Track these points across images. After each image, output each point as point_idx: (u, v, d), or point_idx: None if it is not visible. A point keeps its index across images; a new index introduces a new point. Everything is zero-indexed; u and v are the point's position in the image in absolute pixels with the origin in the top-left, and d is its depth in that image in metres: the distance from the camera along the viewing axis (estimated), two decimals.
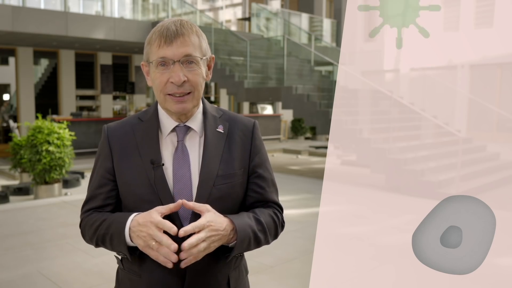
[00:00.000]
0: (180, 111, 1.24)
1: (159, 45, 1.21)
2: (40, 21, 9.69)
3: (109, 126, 1.34)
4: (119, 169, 1.28)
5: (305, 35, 14.99)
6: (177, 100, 1.23)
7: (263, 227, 1.28)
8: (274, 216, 1.34)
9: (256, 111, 17.12)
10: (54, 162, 6.78)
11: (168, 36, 1.20)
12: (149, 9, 12.53)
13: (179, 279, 1.23)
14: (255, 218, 1.28)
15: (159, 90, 1.24)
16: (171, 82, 1.21)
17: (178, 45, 1.20)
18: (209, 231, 1.14)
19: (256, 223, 1.27)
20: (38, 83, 13.15)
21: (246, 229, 1.22)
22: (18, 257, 4.41)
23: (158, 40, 1.21)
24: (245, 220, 1.24)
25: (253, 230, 1.24)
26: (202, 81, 1.27)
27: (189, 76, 1.22)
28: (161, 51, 1.21)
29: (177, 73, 1.20)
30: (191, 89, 1.23)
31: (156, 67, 1.22)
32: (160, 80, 1.22)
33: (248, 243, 1.24)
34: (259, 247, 1.31)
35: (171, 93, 1.22)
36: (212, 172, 1.26)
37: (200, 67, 1.25)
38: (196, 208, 1.18)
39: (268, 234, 1.30)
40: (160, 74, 1.22)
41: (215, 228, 1.15)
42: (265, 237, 1.29)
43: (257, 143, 1.37)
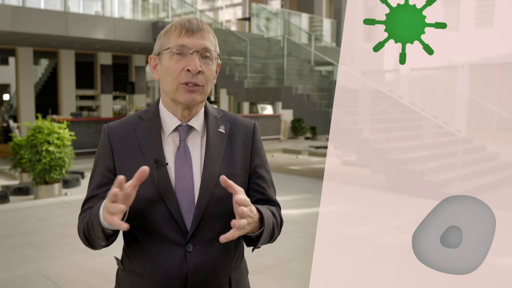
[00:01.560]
0: (190, 101, 1.24)
1: (179, 34, 1.23)
2: (40, 21, 9.69)
3: (109, 125, 1.34)
4: (121, 168, 1.28)
5: (305, 35, 14.99)
6: (189, 90, 1.23)
7: (277, 220, 1.32)
8: (277, 214, 1.37)
9: (256, 111, 17.12)
10: (54, 162, 6.78)
11: (190, 28, 1.23)
12: (149, 9, 12.53)
13: (181, 280, 1.23)
14: (271, 211, 1.31)
15: (173, 78, 1.23)
16: (187, 69, 1.22)
17: (199, 37, 1.23)
18: (249, 211, 1.13)
19: (271, 215, 1.30)
20: (38, 83, 13.15)
21: (269, 219, 1.24)
22: (18, 257, 4.41)
23: (179, 30, 1.24)
24: (266, 211, 1.26)
25: (273, 222, 1.27)
26: (213, 78, 1.29)
27: (204, 68, 1.24)
28: (181, 40, 1.22)
29: (194, 61, 1.21)
30: (203, 82, 1.24)
31: (172, 55, 1.23)
32: (175, 68, 1.23)
33: (269, 233, 1.25)
34: (269, 243, 1.32)
35: (185, 81, 1.22)
36: (215, 172, 1.26)
37: (213, 64, 1.28)
38: (234, 187, 1.14)
39: (279, 228, 1.34)
40: (176, 62, 1.23)
41: (252, 210, 1.15)
42: (278, 231, 1.32)
43: (258, 144, 1.38)
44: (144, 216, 1.23)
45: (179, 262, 1.23)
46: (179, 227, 1.21)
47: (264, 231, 1.21)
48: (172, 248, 1.23)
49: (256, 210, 1.18)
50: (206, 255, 1.24)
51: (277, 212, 1.37)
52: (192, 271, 1.22)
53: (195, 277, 1.23)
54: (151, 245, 1.25)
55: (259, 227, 1.21)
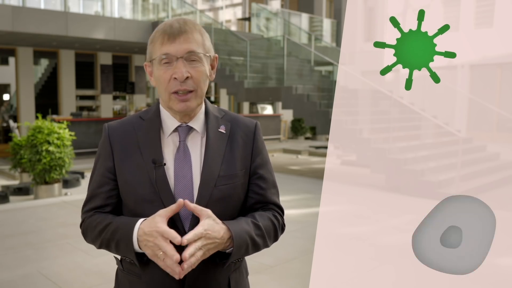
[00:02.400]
0: (184, 110, 1.24)
1: (162, 42, 1.21)
2: (40, 21, 9.70)
3: (110, 125, 1.34)
4: (120, 168, 1.28)
5: (305, 35, 14.99)
6: (181, 99, 1.22)
7: (262, 232, 1.27)
8: (274, 219, 1.33)
9: (256, 111, 17.12)
10: (54, 162, 6.78)
11: (172, 33, 1.21)
12: (149, 9, 12.54)
13: (179, 281, 1.22)
14: (254, 223, 1.27)
15: (163, 88, 1.23)
16: (174, 78, 1.21)
17: (181, 41, 1.21)
18: (205, 239, 1.14)
19: (255, 228, 1.26)
20: (38, 83, 13.15)
21: (243, 236, 1.21)
22: (18, 257, 4.41)
23: (161, 37, 1.22)
24: (243, 226, 1.23)
25: (250, 236, 1.23)
26: (206, 79, 1.27)
27: (192, 73, 1.22)
28: (164, 48, 1.21)
29: (180, 69, 1.20)
30: (194, 86, 1.23)
31: (160, 65, 1.22)
32: (163, 77, 1.22)
33: (246, 249, 1.23)
34: (259, 251, 1.30)
35: (175, 90, 1.22)
36: (214, 173, 1.25)
37: (203, 64, 1.25)
38: (197, 211, 1.17)
39: (267, 238, 1.29)
40: (164, 71, 1.22)
41: (212, 236, 1.15)
42: (263, 242, 1.28)
43: (259, 144, 1.36)
44: (143, 216, 1.23)
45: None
46: (177, 227, 1.20)
47: (235, 251, 1.20)
48: None
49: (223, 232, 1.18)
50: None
51: (272, 217, 1.33)
52: (189, 273, 1.22)
53: (192, 279, 1.23)
54: None
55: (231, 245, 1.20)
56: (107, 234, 1.23)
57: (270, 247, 1.35)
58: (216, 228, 1.17)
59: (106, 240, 1.24)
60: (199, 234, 1.13)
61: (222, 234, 1.17)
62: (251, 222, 1.26)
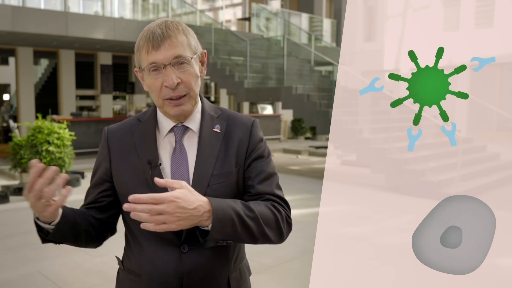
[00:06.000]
0: (180, 113, 1.24)
1: (147, 51, 1.20)
2: (40, 21, 9.69)
3: (109, 128, 1.36)
4: (117, 170, 1.29)
5: (305, 35, 14.99)
6: (175, 104, 1.22)
7: (254, 214, 1.17)
8: (273, 209, 1.25)
9: (256, 111, 17.12)
10: (54, 162, 6.78)
11: (155, 41, 1.18)
12: (149, 9, 12.53)
13: (177, 280, 1.23)
14: (243, 204, 1.19)
15: (156, 95, 1.23)
16: (165, 86, 1.20)
17: (166, 48, 1.18)
18: (170, 206, 1.05)
19: (244, 208, 1.17)
20: (38, 83, 13.15)
21: (226, 210, 1.13)
22: (18, 257, 4.41)
23: (145, 46, 1.20)
24: (227, 202, 1.16)
25: (237, 213, 1.14)
26: (197, 79, 1.26)
27: (182, 77, 1.21)
28: (151, 57, 1.19)
29: (170, 76, 1.19)
30: (186, 90, 1.22)
31: (149, 73, 1.21)
32: (155, 85, 1.22)
33: (233, 227, 1.13)
34: (258, 241, 1.21)
35: (167, 97, 1.22)
36: (207, 172, 1.25)
37: (193, 65, 1.23)
38: (169, 185, 1.10)
39: (262, 224, 1.19)
40: (154, 79, 1.21)
41: (180, 205, 1.06)
42: (257, 226, 1.18)
43: (255, 140, 1.33)
44: None
45: (174, 262, 1.23)
46: None
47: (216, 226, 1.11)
48: (167, 248, 1.23)
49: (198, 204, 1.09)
50: (202, 255, 1.23)
51: (270, 206, 1.24)
52: (187, 272, 1.22)
53: (191, 278, 1.23)
54: (147, 245, 1.26)
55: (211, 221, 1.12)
56: None
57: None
58: (190, 198, 1.09)
59: None
60: (160, 199, 1.05)
61: (196, 205, 1.09)
62: (240, 202, 1.20)
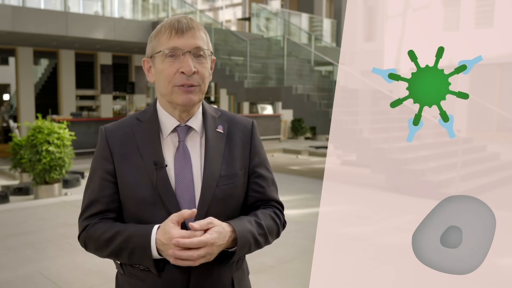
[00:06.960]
0: (187, 102, 1.23)
1: (169, 36, 1.21)
2: (40, 21, 9.69)
3: (106, 128, 1.31)
4: (120, 172, 1.26)
5: (305, 35, 14.98)
6: (185, 90, 1.22)
7: (264, 231, 1.28)
8: (276, 217, 1.34)
9: (256, 111, 17.12)
10: (54, 162, 6.78)
11: (180, 28, 1.21)
12: (149, 9, 12.54)
13: (183, 282, 1.22)
14: (257, 222, 1.27)
15: (167, 81, 1.22)
16: (181, 72, 1.20)
17: (189, 36, 1.22)
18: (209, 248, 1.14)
19: (258, 227, 1.27)
20: (38, 83, 13.15)
21: (247, 236, 1.22)
22: (18, 257, 4.41)
23: (168, 31, 1.22)
24: (246, 226, 1.24)
25: (253, 236, 1.24)
26: (209, 76, 1.28)
27: (198, 68, 1.22)
28: (172, 42, 1.21)
29: (187, 63, 1.20)
30: (199, 81, 1.23)
31: (165, 58, 1.22)
32: (169, 71, 1.21)
33: (249, 248, 1.25)
34: (260, 249, 1.31)
35: (180, 84, 1.21)
36: (215, 173, 1.25)
37: (208, 62, 1.26)
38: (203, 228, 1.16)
39: (268, 237, 1.30)
40: (169, 65, 1.21)
41: (217, 244, 1.16)
42: (265, 240, 1.30)
43: (257, 143, 1.37)
44: (145, 219, 1.22)
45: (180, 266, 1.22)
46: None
47: (238, 251, 1.21)
48: None
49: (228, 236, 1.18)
50: None
51: (274, 214, 1.35)
52: (194, 273, 1.22)
53: (197, 279, 1.23)
54: None
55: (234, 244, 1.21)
56: (118, 243, 1.20)
57: (270, 246, 1.36)
58: (221, 236, 1.17)
59: (117, 249, 1.21)
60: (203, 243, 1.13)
61: (227, 239, 1.18)
62: (254, 221, 1.27)
